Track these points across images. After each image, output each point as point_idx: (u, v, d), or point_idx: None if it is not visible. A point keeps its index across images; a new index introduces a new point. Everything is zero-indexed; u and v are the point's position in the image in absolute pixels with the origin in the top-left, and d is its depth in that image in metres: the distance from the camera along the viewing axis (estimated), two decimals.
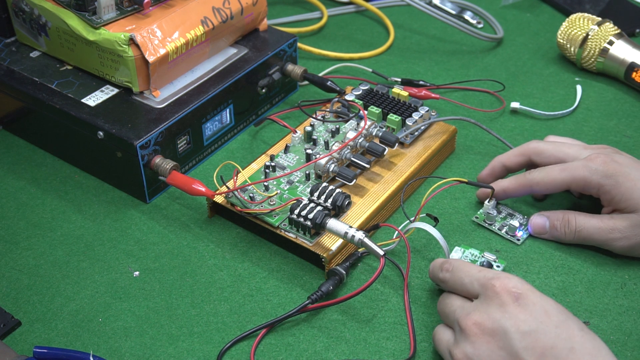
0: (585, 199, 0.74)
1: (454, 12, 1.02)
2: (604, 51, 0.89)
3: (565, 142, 0.73)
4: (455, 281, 0.60)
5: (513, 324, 0.54)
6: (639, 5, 1.02)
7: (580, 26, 0.90)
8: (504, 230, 0.71)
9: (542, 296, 0.56)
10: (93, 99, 0.76)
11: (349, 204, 0.69)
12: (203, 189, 0.71)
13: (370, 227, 0.69)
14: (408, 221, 0.69)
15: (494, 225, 0.72)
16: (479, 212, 0.73)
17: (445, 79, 0.92)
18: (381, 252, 0.64)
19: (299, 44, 0.90)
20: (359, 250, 0.68)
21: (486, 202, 0.72)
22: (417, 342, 0.62)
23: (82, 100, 0.76)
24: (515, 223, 0.71)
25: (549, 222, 0.70)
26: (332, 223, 0.66)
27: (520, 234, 0.70)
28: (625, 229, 0.66)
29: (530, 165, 0.73)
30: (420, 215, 0.69)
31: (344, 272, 0.65)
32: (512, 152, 0.74)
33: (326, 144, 0.75)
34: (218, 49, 0.81)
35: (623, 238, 0.66)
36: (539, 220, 0.70)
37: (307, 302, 0.63)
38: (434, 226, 0.68)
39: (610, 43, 0.89)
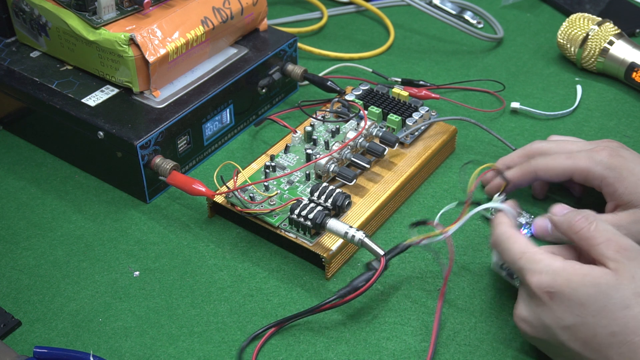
0: (587, 198, 0.74)
1: (454, 12, 1.02)
2: (604, 51, 0.89)
3: (568, 140, 0.73)
4: (506, 262, 0.61)
5: (553, 320, 0.55)
6: (639, 5, 1.02)
7: (580, 26, 0.90)
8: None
9: (579, 284, 0.55)
10: (93, 99, 0.76)
11: (349, 204, 0.69)
12: (203, 189, 0.71)
13: (419, 222, 0.66)
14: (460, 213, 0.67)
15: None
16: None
17: (445, 79, 0.92)
18: (381, 252, 0.64)
19: (299, 44, 0.90)
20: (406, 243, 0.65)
21: (496, 195, 0.72)
22: (417, 342, 0.62)
23: (82, 100, 0.76)
24: (522, 220, 0.71)
25: (552, 224, 0.69)
26: (332, 223, 0.66)
27: (524, 232, 0.70)
28: (630, 225, 0.66)
29: None
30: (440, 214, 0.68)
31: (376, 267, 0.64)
32: (516, 154, 0.73)
33: (326, 144, 0.75)
34: (218, 49, 0.81)
35: (628, 235, 0.66)
36: (542, 222, 0.70)
37: (334, 297, 0.62)
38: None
39: (611, 43, 0.89)
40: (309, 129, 0.76)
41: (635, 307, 0.53)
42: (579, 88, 0.89)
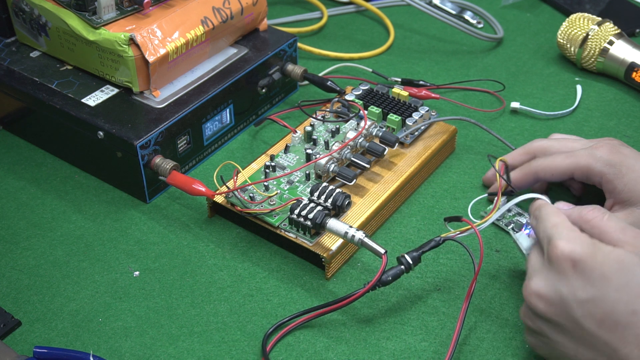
0: (587, 197, 0.74)
1: (454, 12, 1.02)
2: (604, 51, 0.89)
3: (569, 138, 0.73)
4: (537, 232, 0.59)
5: (570, 291, 0.53)
6: (639, 5, 1.02)
7: (580, 26, 0.90)
8: (511, 227, 0.71)
9: (605, 259, 0.53)
10: (93, 99, 0.76)
11: (349, 204, 0.69)
12: (203, 189, 0.71)
13: (453, 217, 0.66)
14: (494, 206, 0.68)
15: (501, 221, 0.72)
16: (489, 208, 0.73)
17: (445, 79, 0.92)
18: (382, 251, 0.63)
19: (299, 44, 0.90)
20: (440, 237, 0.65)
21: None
22: (417, 342, 0.62)
23: (82, 100, 0.76)
24: (523, 220, 0.71)
25: None
26: (332, 223, 0.66)
27: (526, 232, 0.70)
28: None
29: None
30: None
31: (410, 261, 0.63)
32: (517, 152, 0.74)
33: (326, 144, 0.75)
34: (218, 49, 0.81)
35: None
36: None
37: (361, 288, 0.62)
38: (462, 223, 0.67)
39: (610, 43, 0.89)
40: (309, 129, 0.76)
41: None
42: (579, 88, 0.89)
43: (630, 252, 0.53)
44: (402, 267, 0.63)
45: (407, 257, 0.63)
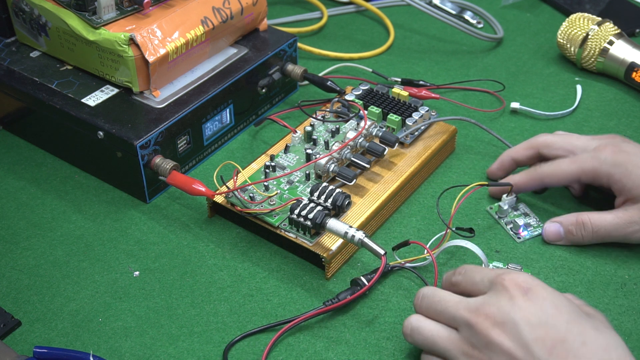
0: (588, 197, 0.74)
1: (454, 12, 1.02)
2: (604, 51, 0.89)
3: (573, 134, 0.73)
4: (467, 281, 0.58)
5: (522, 315, 0.53)
6: (639, 5, 1.02)
7: (580, 26, 0.90)
8: (510, 226, 0.71)
9: (554, 293, 0.54)
10: (93, 99, 0.76)
11: (349, 204, 0.69)
12: (203, 189, 0.71)
13: (400, 244, 0.68)
14: (442, 237, 0.68)
15: (503, 219, 0.72)
16: (494, 204, 0.74)
17: (445, 79, 0.92)
18: (382, 252, 0.64)
19: (299, 44, 0.90)
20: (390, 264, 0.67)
21: (504, 195, 0.72)
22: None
23: (82, 100, 0.76)
24: (520, 221, 0.71)
25: (563, 228, 0.69)
26: (332, 223, 0.66)
27: (524, 233, 0.70)
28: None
29: (539, 158, 0.73)
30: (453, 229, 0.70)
31: (366, 282, 0.64)
32: (521, 146, 0.74)
33: (326, 144, 0.75)
34: (218, 49, 0.81)
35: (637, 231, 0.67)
36: (553, 227, 0.70)
37: (320, 306, 0.63)
38: (471, 238, 0.69)
39: (610, 43, 0.89)
40: (309, 128, 0.76)
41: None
42: (579, 88, 0.89)
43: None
44: (357, 287, 0.64)
45: (362, 278, 0.64)
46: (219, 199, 0.71)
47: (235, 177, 0.70)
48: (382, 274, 0.65)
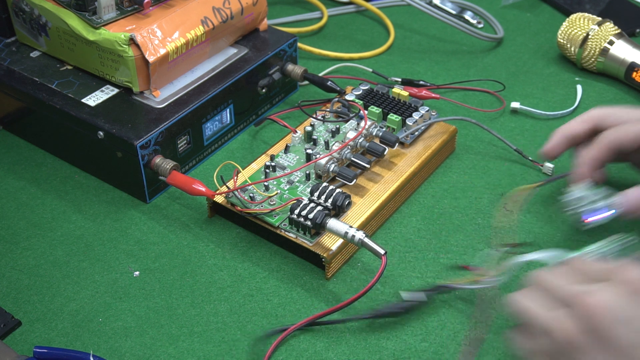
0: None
1: (454, 12, 1.02)
2: (604, 51, 0.89)
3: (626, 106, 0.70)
4: (578, 272, 0.53)
5: (631, 315, 0.48)
6: (639, 5, 1.02)
7: (580, 26, 0.90)
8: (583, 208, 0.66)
9: None
10: (93, 99, 0.76)
11: (349, 204, 0.69)
12: (203, 189, 0.71)
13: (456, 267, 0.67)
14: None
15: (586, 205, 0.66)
16: (568, 190, 0.68)
17: (445, 79, 0.92)
18: (382, 252, 0.64)
19: (299, 44, 0.90)
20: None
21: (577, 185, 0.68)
22: (418, 342, 0.62)
23: (82, 100, 0.76)
24: (597, 199, 0.66)
25: None
26: (332, 223, 0.66)
27: (606, 213, 0.65)
28: None
29: (595, 133, 0.69)
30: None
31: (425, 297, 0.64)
32: (575, 121, 0.70)
33: (326, 144, 0.75)
34: (218, 49, 0.81)
35: None
36: (638, 192, 0.65)
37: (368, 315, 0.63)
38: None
39: (611, 43, 0.89)
40: (309, 129, 0.76)
41: None
42: (579, 88, 0.89)
43: None
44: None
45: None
46: (219, 199, 0.71)
47: (235, 177, 0.70)
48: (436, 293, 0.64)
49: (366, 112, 0.77)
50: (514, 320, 0.54)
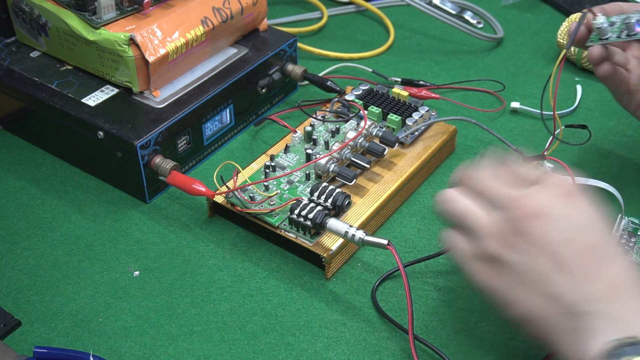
0: None
1: (454, 12, 1.02)
2: None
3: None
4: (509, 172, 0.56)
5: (560, 215, 0.52)
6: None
7: None
8: (624, 34, 0.68)
9: (593, 206, 0.53)
10: (93, 99, 0.76)
11: (349, 203, 0.69)
12: (203, 189, 0.71)
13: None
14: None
15: (610, 36, 0.68)
16: (592, 36, 0.70)
17: (445, 79, 0.92)
18: (385, 242, 0.63)
19: (299, 44, 0.90)
20: None
21: (592, 19, 0.69)
22: (417, 342, 0.62)
23: (82, 100, 0.76)
24: (632, 19, 0.67)
25: None
26: (332, 223, 0.66)
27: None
28: None
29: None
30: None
31: None
32: (602, 6, 0.71)
33: (326, 144, 0.75)
34: (218, 49, 0.81)
35: None
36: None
37: None
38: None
39: None
40: (309, 129, 0.76)
41: None
42: (579, 88, 0.89)
43: None
44: None
45: None
46: (219, 199, 0.71)
47: (235, 177, 0.70)
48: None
49: (366, 112, 0.77)
50: (447, 219, 0.57)
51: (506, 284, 0.53)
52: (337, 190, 0.68)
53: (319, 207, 0.67)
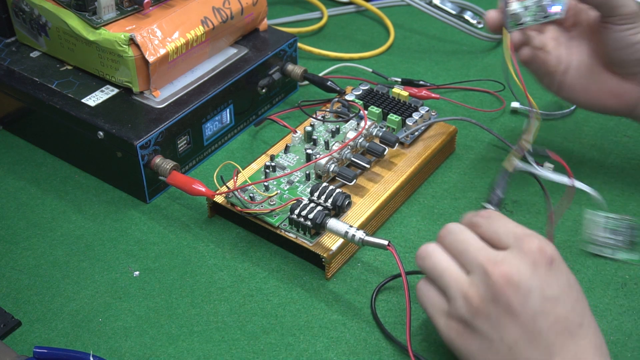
0: None
1: (454, 12, 1.02)
2: None
3: None
4: (489, 228, 0.56)
5: (539, 285, 0.52)
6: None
7: None
8: (540, 16, 0.68)
9: (569, 270, 0.55)
10: (93, 99, 0.76)
11: (349, 204, 0.69)
12: (203, 189, 0.71)
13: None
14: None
15: (525, 20, 0.69)
16: (509, 22, 0.70)
17: (445, 79, 0.92)
18: (385, 242, 0.63)
19: (299, 44, 0.90)
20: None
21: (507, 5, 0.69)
22: (419, 342, 0.62)
23: (82, 100, 0.76)
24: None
25: None
26: (332, 223, 0.66)
27: (555, 9, 0.67)
28: None
29: None
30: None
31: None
32: None
33: (326, 144, 0.75)
34: (218, 49, 0.81)
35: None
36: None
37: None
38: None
39: None
40: (309, 129, 0.76)
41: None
42: None
43: None
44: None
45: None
46: (219, 199, 0.71)
47: (235, 177, 0.70)
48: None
49: (366, 112, 0.77)
50: (422, 271, 0.57)
51: (475, 349, 0.54)
52: (337, 190, 0.68)
53: (319, 207, 0.67)
